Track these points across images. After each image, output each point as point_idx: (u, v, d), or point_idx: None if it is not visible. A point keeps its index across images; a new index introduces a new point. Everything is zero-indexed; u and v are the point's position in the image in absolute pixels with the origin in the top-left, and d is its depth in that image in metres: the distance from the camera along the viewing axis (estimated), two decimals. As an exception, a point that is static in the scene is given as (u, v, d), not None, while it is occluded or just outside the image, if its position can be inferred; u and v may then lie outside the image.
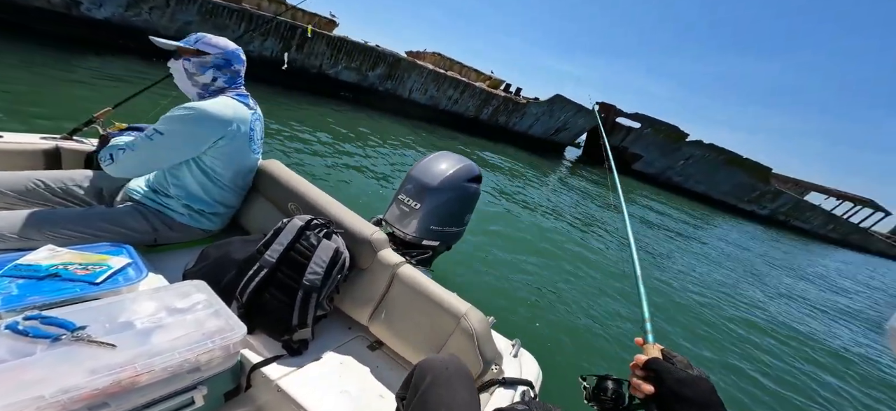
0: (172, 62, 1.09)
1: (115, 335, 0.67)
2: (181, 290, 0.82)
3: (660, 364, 0.53)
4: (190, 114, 1.01)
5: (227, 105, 1.08)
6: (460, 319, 0.94)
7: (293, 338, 0.95)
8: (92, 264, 0.80)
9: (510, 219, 4.40)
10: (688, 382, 0.50)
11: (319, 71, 8.78)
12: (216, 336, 0.75)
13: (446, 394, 0.62)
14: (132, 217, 1.07)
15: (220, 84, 1.11)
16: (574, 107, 14.29)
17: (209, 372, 0.77)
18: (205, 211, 1.17)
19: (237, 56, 1.13)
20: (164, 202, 1.12)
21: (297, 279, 0.93)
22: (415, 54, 13.11)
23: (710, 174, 17.58)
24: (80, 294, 0.73)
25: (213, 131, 1.05)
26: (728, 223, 13.34)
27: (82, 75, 4.46)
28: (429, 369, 0.66)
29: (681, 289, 3.75)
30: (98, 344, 0.65)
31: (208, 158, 1.10)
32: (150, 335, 0.71)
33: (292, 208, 1.20)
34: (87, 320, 0.67)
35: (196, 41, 1.08)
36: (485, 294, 2.39)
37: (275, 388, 0.86)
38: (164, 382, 0.69)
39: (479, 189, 1.61)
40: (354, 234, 1.08)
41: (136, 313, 0.72)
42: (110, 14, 6.21)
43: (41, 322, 0.62)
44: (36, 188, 1.03)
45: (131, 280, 0.82)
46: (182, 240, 1.18)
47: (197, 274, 0.97)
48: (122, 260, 0.86)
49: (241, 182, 1.23)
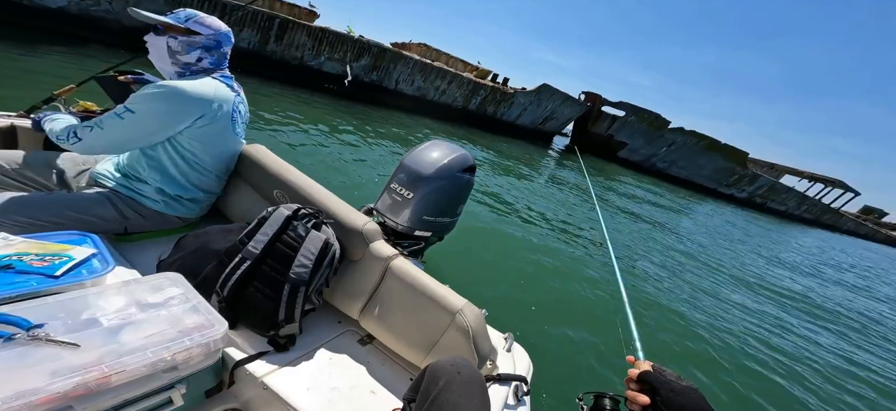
0: (152, 36, 0.99)
1: (78, 333, 0.61)
2: (153, 284, 0.76)
3: (653, 376, 0.57)
4: (164, 92, 0.93)
5: (208, 84, 1.01)
6: (456, 315, 0.92)
7: (280, 334, 0.90)
8: (50, 255, 0.72)
9: (500, 209, 4.41)
10: (681, 392, 0.54)
11: (301, 62, 8.49)
12: (195, 333, 0.70)
13: (459, 400, 0.61)
14: (99, 203, 0.98)
15: (205, 65, 1.04)
16: (561, 96, 14.44)
17: (187, 371, 0.72)
18: (181, 197, 1.09)
19: (228, 38, 1.07)
20: (135, 187, 1.04)
21: (284, 272, 0.88)
22: (400, 45, 12.85)
23: (692, 159, 18.28)
24: (37, 288, 0.66)
25: (190, 110, 0.97)
26: (709, 206, 13.88)
27: (35, 66, 4.14)
28: (441, 373, 0.64)
29: (668, 289, 3.83)
30: (58, 344, 0.59)
31: (186, 140, 1.02)
32: (119, 333, 0.65)
33: (278, 196, 1.14)
34: (45, 317, 0.60)
35: (187, 19, 1.00)
36: (476, 285, 2.38)
37: (260, 386, 0.82)
38: (136, 383, 0.63)
39: (473, 179, 1.57)
40: (345, 225, 1.03)
41: (101, 309, 0.66)
42: (65, 3, 5.76)
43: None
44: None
45: (96, 272, 0.74)
46: (156, 229, 1.10)
47: (172, 266, 0.91)
48: (86, 250, 0.78)
49: (222, 167, 1.15)
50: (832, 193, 23.33)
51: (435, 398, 0.61)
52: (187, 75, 1.02)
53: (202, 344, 0.71)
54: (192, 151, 1.04)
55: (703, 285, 4.09)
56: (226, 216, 1.25)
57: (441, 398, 0.61)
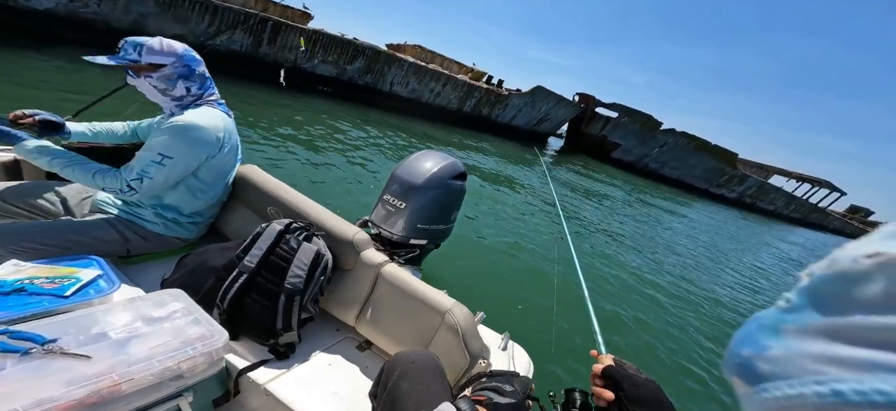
0: (133, 79, 1.01)
1: (89, 346, 0.66)
2: (157, 299, 0.81)
3: (615, 371, 0.60)
4: (189, 133, 1.00)
5: (216, 117, 1.07)
6: (445, 315, 0.96)
7: (279, 342, 0.95)
8: (59, 277, 0.77)
9: (497, 212, 4.47)
10: (641, 385, 0.57)
11: (294, 65, 8.47)
12: (197, 343, 0.75)
13: (415, 387, 0.65)
14: (101, 228, 1.03)
15: (195, 92, 1.07)
16: (555, 98, 14.61)
17: (193, 380, 0.76)
18: (179, 220, 1.14)
19: (192, 57, 1.05)
20: (135, 212, 1.09)
21: (279, 283, 0.94)
22: (395, 47, 12.88)
23: (683, 160, 18.61)
24: (49, 308, 0.71)
25: (209, 148, 1.05)
26: (700, 206, 14.14)
27: (27, 71, 4.09)
28: (397, 364, 0.69)
29: (631, 284, 3.94)
30: (72, 356, 0.64)
31: (200, 172, 1.09)
32: (127, 345, 0.70)
33: (271, 213, 1.19)
34: (58, 333, 0.65)
35: (139, 53, 0.97)
36: (474, 289, 2.42)
37: (263, 392, 0.86)
38: (145, 391, 0.68)
39: (465, 186, 1.63)
40: (336, 236, 1.08)
41: (110, 324, 0.71)
42: (53, 4, 5.68)
43: (9, 336, 0.60)
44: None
45: (103, 291, 0.80)
46: (157, 250, 1.15)
47: (175, 283, 0.96)
48: (92, 272, 0.84)
49: (221, 190, 1.21)
50: (819, 193, 23.98)
51: (390, 388, 0.66)
52: (188, 107, 1.06)
53: (205, 352, 0.76)
54: (203, 181, 1.11)
55: (666, 278, 4.22)
56: (223, 235, 1.30)
57: (396, 388, 0.65)
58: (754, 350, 0.17)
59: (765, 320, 0.17)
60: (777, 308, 0.17)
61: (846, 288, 0.14)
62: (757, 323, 0.18)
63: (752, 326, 0.18)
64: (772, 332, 0.16)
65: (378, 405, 0.69)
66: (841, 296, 0.14)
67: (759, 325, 0.18)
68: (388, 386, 0.67)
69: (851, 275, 0.14)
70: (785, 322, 0.16)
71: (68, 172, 0.93)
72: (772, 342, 0.16)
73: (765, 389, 0.16)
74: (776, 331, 0.16)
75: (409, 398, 0.64)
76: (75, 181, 0.96)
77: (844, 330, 0.14)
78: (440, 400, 0.64)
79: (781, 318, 0.17)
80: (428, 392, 0.65)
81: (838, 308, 0.14)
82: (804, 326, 0.15)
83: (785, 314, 0.17)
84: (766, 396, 0.15)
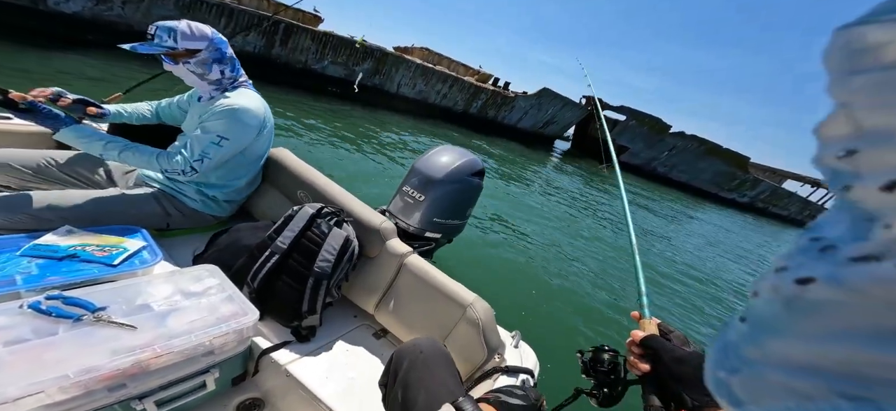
0: (171, 66, 1.03)
1: (134, 316, 0.68)
2: (194, 274, 0.83)
3: (657, 341, 0.51)
4: (239, 115, 1.04)
5: (259, 100, 1.12)
6: (466, 308, 0.96)
7: (302, 325, 0.96)
8: (108, 246, 0.80)
9: (505, 211, 4.46)
10: (685, 360, 0.48)
11: (305, 66, 8.62)
12: (231, 320, 0.76)
13: (425, 376, 0.64)
14: (147, 201, 1.07)
15: (230, 75, 1.09)
16: (561, 100, 14.52)
17: (222, 356, 0.78)
18: (217, 198, 1.17)
19: (220, 39, 1.07)
20: (178, 188, 1.12)
21: (309, 266, 0.95)
22: (402, 49, 12.99)
23: (693, 164, 18.29)
24: (98, 275, 0.73)
25: (255, 129, 1.09)
26: (711, 211, 13.89)
27: (66, 66, 4.26)
28: (406, 354, 0.68)
29: (674, 269, 3.91)
30: (118, 326, 0.66)
31: (243, 152, 1.12)
32: (167, 317, 0.72)
33: (302, 196, 1.20)
34: (106, 301, 0.67)
35: (174, 39, 0.98)
36: (484, 286, 2.40)
37: (284, 373, 0.87)
38: (178, 365, 0.70)
39: (482, 183, 1.63)
40: (363, 223, 1.09)
41: (152, 296, 0.73)
42: (80, 8, 5.91)
43: (63, 302, 0.63)
44: (48, 166, 1.04)
45: (147, 263, 0.82)
46: (192, 226, 1.18)
47: (207, 259, 0.98)
48: (138, 242, 0.86)
49: (255, 171, 1.24)
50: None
51: (402, 377, 0.65)
52: (228, 90, 1.09)
53: (236, 330, 0.77)
54: (240, 160, 1.14)
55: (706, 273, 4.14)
56: (252, 215, 1.32)
57: (407, 376, 0.65)
58: (726, 371, 0.16)
59: (728, 338, 0.17)
60: (735, 324, 0.17)
61: (790, 315, 0.14)
62: (723, 341, 0.17)
63: (719, 344, 0.17)
64: (736, 354, 0.16)
65: (388, 394, 0.68)
66: (788, 323, 0.14)
67: (725, 344, 0.17)
68: (398, 377, 0.67)
69: (792, 302, 0.14)
70: (745, 344, 0.16)
71: (126, 157, 0.95)
72: (739, 364, 0.16)
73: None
74: (739, 353, 0.16)
75: (420, 386, 0.63)
76: (134, 165, 0.99)
77: (796, 358, 0.14)
78: (450, 389, 0.63)
79: (741, 339, 0.16)
80: (437, 380, 0.64)
81: (788, 335, 0.14)
82: (762, 350, 0.15)
83: (743, 335, 0.16)
84: None
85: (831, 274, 0.13)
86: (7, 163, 0.98)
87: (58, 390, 0.57)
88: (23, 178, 1.01)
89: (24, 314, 0.61)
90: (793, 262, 0.15)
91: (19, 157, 1.00)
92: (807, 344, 0.13)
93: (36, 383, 0.54)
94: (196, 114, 1.11)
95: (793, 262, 0.15)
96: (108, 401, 0.63)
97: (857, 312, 0.12)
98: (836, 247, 0.13)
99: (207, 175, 1.12)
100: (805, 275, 0.14)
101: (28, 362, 0.57)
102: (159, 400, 0.69)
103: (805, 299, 0.14)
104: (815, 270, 0.13)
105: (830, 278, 0.13)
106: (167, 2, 6.43)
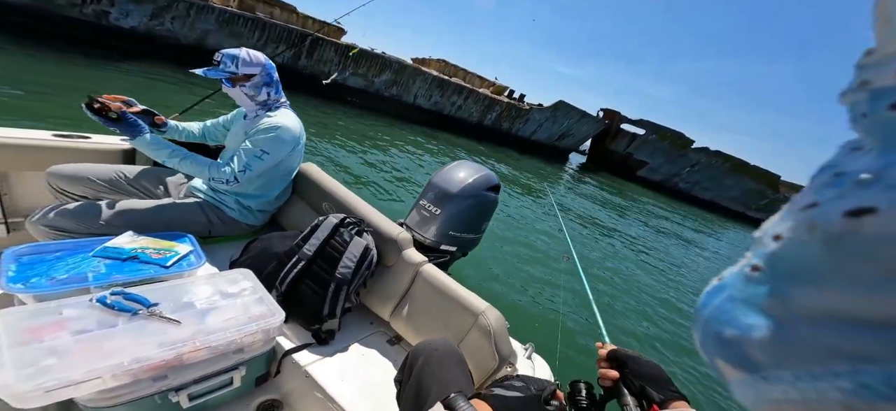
0: (228, 88, 1.15)
1: (180, 313, 0.75)
2: (231, 277, 0.89)
3: (619, 351, 0.63)
4: (280, 133, 1.15)
5: (296, 120, 1.23)
6: (478, 316, 0.96)
7: (322, 328, 1.00)
8: (163, 249, 0.89)
9: (519, 225, 4.43)
10: (643, 362, 0.59)
11: (328, 77, 9.06)
12: (259, 319, 0.81)
13: (438, 371, 0.67)
14: (194, 211, 1.19)
15: (274, 97, 1.21)
16: (577, 113, 14.32)
17: (250, 355, 0.83)
18: (252, 208, 1.28)
19: (272, 66, 1.19)
20: (220, 199, 1.24)
21: (331, 272, 1.00)
22: (420, 61, 13.33)
23: (718, 181, 17.39)
24: (154, 275, 0.82)
25: (291, 145, 1.20)
26: (734, 231, 13.09)
27: (119, 78, 4.70)
28: (421, 351, 0.72)
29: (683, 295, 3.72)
30: (167, 320, 0.73)
31: (278, 166, 1.23)
32: (207, 315, 0.78)
33: (326, 207, 1.28)
34: (159, 298, 0.74)
35: (236, 65, 1.10)
36: (497, 300, 2.41)
37: (303, 374, 0.90)
38: (212, 360, 0.75)
39: (498, 198, 1.64)
40: (382, 233, 1.13)
41: (195, 295, 0.80)
42: (137, 23, 6.53)
43: (124, 297, 0.70)
44: (119, 179, 1.18)
45: (193, 265, 0.90)
46: (230, 234, 1.29)
47: (242, 264, 1.05)
48: (187, 247, 0.95)
49: (288, 184, 1.35)
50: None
51: (417, 373, 0.68)
52: (271, 109, 1.21)
53: (264, 330, 0.82)
54: (275, 173, 1.25)
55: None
56: (281, 225, 1.41)
57: (421, 372, 0.68)
58: (737, 330, 0.13)
59: (735, 291, 0.14)
60: (743, 275, 0.14)
61: (840, 257, 0.11)
62: (726, 295, 0.14)
63: (720, 298, 0.15)
64: (749, 308, 0.13)
65: (403, 389, 0.71)
66: (835, 267, 0.11)
67: (729, 297, 0.14)
68: (414, 371, 0.69)
69: (842, 239, 0.11)
70: (761, 296, 0.13)
71: (185, 165, 1.07)
72: (755, 320, 0.13)
73: (766, 378, 0.12)
74: (755, 307, 0.13)
75: (433, 381, 0.66)
76: (190, 173, 1.11)
77: (847, 311, 0.11)
78: (461, 384, 0.66)
79: (755, 291, 0.13)
80: (449, 376, 0.67)
81: (835, 282, 0.11)
82: (794, 304, 0.12)
83: (758, 285, 0.13)
84: (771, 387, 0.12)
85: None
86: (85, 176, 1.12)
87: (111, 377, 0.63)
88: (98, 189, 1.14)
89: (92, 307, 0.69)
90: (827, 195, 0.12)
91: (96, 171, 1.14)
92: (864, 292, 0.11)
93: (95, 370, 0.61)
94: (241, 129, 1.22)
95: (827, 195, 0.12)
96: (150, 391, 0.69)
97: None
98: (886, 169, 0.11)
99: (245, 186, 1.22)
100: (859, 205, 0.11)
101: (91, 350, 0.64)
102: (192, 393, 0.74)
103: (863, 234, 0.11)
104: (873, 198, 0.11)
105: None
106: (209, 17, 6.99)
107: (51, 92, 3.72)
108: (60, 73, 4.34)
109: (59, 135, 1.23)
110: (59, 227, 0.96)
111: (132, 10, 6.36)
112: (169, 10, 6.60)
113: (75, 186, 1.10)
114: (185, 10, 6.72)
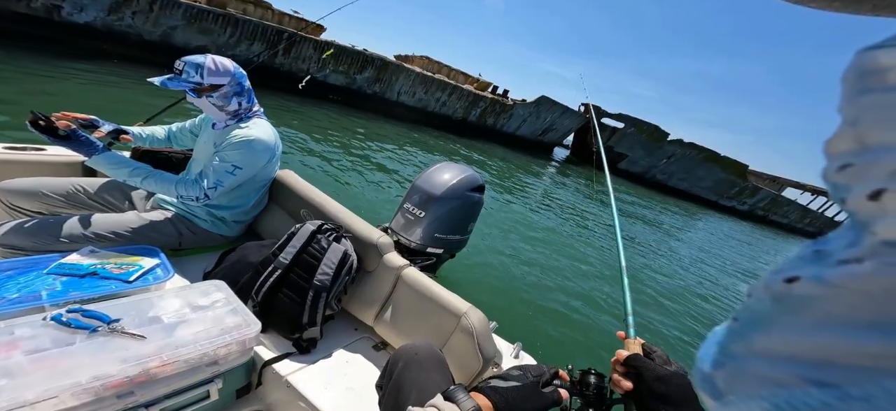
0: (194, 98, 1.08)
1: (145, 328, 0.71)
2: (202, 289, 0.86)
3: (639, 360, 0.54)
4: (252, 146, 1.11)
5: (270, 130, 1.18)
6: (461, 318, 0.96)
7: (303, 337, 0.98)
8: (126, 264, 0.85)
9: (505, 222, 4.44)
10: (666, 379, 0.50)
11: (306, 74, 8.78)
12: (234, 331, 0.78)
13: (418, 376, 0.65)
14: (162, 224, 1.13)
15: (245, 106, 1.16)
16: (560, 108, 14.62)
17: (225, 367, 0.80)
18: (226, 219, 1.23)
19: (243, 74, 1.13)
20: (190, 209, 1.19)
21: (309, 279, 0.98)
22: (403, 58, 13.19)
23: (691, 171, 18.27)
24: (115, 291, 0.78)
25: (266, 158, 1.17)
26: (708, 219, 13.76)
27: (70, 80, 4.34)
28: (401, 355, 0.70)
29: (665, 282, 3.94)
30: (130, 336, 0.69)
31: (253, 178, 1.19)
32: (175, 329, 0.75)
33: (304, 214, 1.25)
34: (121, 314, 0.71)
35: (201, 75, 1.04)
36: (486, 299, 2.41)
37: (285, 384, 0.88)
38: (184, 374, 0.72)
39: (483, 198, 1.65)
40: (362, 238, 1.12)
41: (163, 309, 0.77)
42: (92, 18, 6.05)
43: (82, 315, 0.67)
44: (77, 192, 1.11)
45: (160, 279, 0.86)
46: (203, 245, 1.24)
47: (216, 275, 1.02)
48: (152, 261, 0.91)
49: (263, 193, 1.30)
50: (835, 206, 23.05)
51: (397, 377, 0.67)
52: (242, 120, 1.16)
53: (239, 340, 0.80)
54: (250, 184, 1.21)
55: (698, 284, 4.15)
56: (259, 234, 1.37)
57: (401, 376, 0.66)
58: (711, 366, 0.17)
59: (718, 336, 0.18)
60: (728, 324, 0.18)
61: (776, 310, 0.15)
62: (714, 339, 0.18)
63: (710, 342, 0.19)
64: (723, 349, 0.17)
65: (383, 394, 0.70)
66: (773, 317, 0.15)
67: (715, 342, 0.18)
68: (393, 376, 0.68)
69: (780, 298, 0.15)
70: (732, 339, 0.17)
71: (149, 183, 1.01)
72: (724, 358, 0.17)
73: (725, 404, 0.16)
74: (725, 348, 0.17)
75: (413, 386, 0.65)
76: (156, 192, 1.06)
77: (777, 350, 0.14)
78: (441, 388, 0.62)
79: (730, 335, 0.17)
80: (430, 381, 0.66)
81: (773, 329, 0.15)
82: (748, 344, 0.16)
83: (732, 332, 0.17)
84: (728, 409, 0.16)
85: (817, 273, 0.14)
86: (39, 191, 1.05)
87: (70, 396, 0.59)
88: (53, 204, 1.07)
89: (46, 326, 0.65)
90: (787, 266, 0.16)
91: (50, 185, 1.07)
92: (787, 336, 0.14)
93: (51, 389, 0.57)
94: (210, 139, 1.17)
95: (787, 266, 0.16)
96: (116, 408, 0.65)
97: (833, 304, 0.13)
98: (830, 253, 0.14)
99: (218, 199, 1.18)
100: (793, 275, 0.15)
101: (46, 370, 0.60)
102: (165, 408, 0.71)
103: (791, 295, 0.15)
104: (803, 271, 0.14)
105: (815, 277, 0.14)
106: (175, 13, 6.57)
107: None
108: (8, 77, 3.98)
109: (10, 147, 1.15)
110: (13, 245, 0.90)
111: (87, 4, 5.89)
112: (129, 5, 6.15)
113: (30, 202, 1.04)
114: (148, 5, 6.28)
